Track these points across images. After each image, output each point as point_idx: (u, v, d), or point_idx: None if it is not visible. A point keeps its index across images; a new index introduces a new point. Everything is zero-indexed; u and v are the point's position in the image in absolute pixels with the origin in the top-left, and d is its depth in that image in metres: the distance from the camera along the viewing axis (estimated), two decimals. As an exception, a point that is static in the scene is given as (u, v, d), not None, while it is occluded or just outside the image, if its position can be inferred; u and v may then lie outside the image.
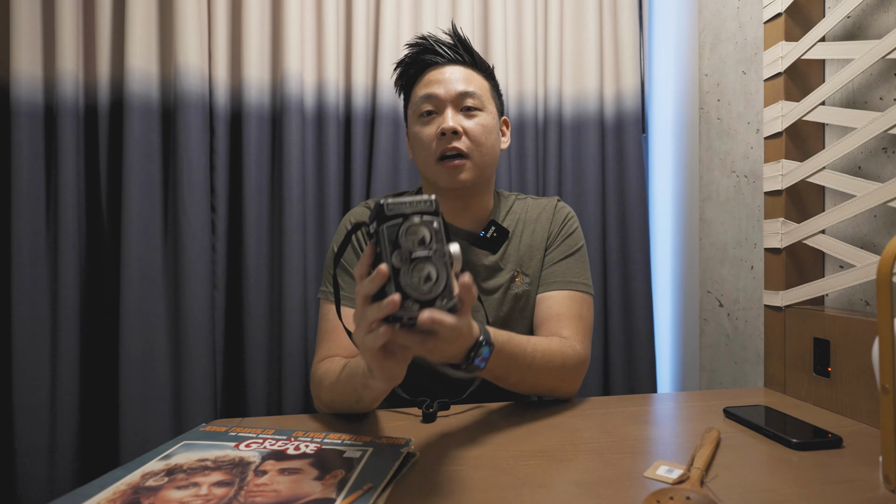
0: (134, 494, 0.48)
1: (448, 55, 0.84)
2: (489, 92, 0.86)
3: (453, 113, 0.82)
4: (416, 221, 0.48)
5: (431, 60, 0.85)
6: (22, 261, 1.08)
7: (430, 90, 0.83)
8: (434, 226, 0.49)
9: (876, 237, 0.81)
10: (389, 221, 0.48)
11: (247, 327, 1.19)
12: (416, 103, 0.85)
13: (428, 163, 0.84)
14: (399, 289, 0.47)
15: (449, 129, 0.80)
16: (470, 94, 0.82)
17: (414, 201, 0.49)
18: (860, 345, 0.73)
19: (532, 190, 1.35)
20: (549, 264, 0.88)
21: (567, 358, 0.75)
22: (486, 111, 0.84)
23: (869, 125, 0.75)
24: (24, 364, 1.07)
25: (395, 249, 0.48)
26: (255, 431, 0.64)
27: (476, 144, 0.82)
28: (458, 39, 0.85)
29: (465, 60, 0.85)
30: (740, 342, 1.14)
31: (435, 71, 0.84)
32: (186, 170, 1.14)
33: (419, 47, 0.86)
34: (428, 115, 0.83)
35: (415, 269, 0.48)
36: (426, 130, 0.83)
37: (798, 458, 0.59)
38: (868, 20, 0.83)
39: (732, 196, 1.17)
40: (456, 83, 0.82)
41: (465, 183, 0.82)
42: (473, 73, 0.85)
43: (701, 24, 1.29)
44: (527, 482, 0.53)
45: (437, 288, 0.48)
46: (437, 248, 0.48)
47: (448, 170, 0.81)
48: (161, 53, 1.17)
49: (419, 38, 0.86)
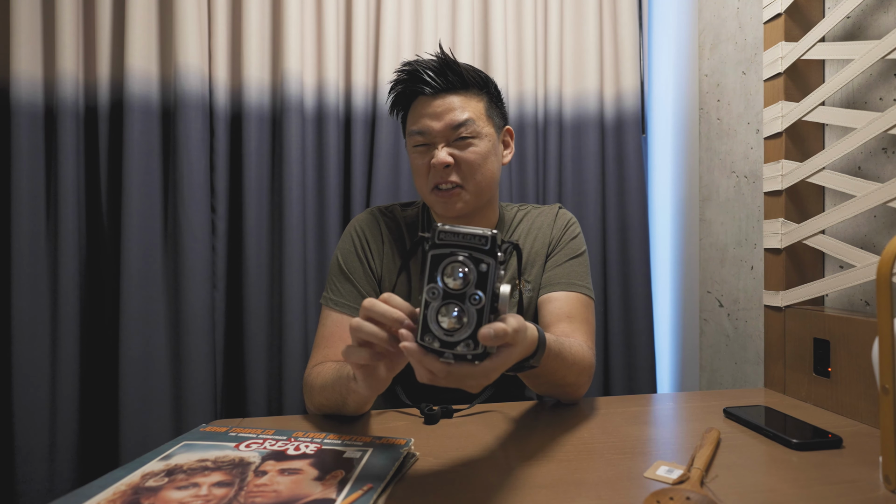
0: (134, 495, 0.48)
1: (436, 84, 0.79)
2: (484, 113, 0.82)
3: (445, 146, 0.79)
4: (459, 259, 0.45)
5: (420, 90, 0.80)
6: (22, 261, 1.08)
7: (420, 126, 0.80)
8: (481, 268, 0.45)
9: (876, 237, 0.81)
10: (437, 249, 0.45)
11: (247, 327, 1.19)
12: (409, 133, 0.83)
13: (424, 192, 0.83)
14: (424, 320, 0.46)
15: (440, 163, 0.78)
16: (462, 124, 0.78)
17: (469, 234, 0.45)
18: (860, 345, 0.73)
19: (532, 190, 1.35)
20: (551, 268, 0.87)
21: (585, 360, 0.75)
22: (480, 137, 0.80)
23: (869, 125, 0.75)
24: (24, 364, 1.07)
25: (431, 280, 0.45)
26: (255, 432, 0.64)
27: (471, 174, 0.80)
28: (444, 63, 0.79)
29: (455, 85, 0.80)
30: (740, 342, 1.14)
31: (425, 103, 0.80)
32: (186, 170, 1.14)
33: (406, 75, 0.81)
34: (423, 147, 0.81)
35: (442, 308, 0.45)
36: (421, 162, 0.82)
37: (798, 458, 0.59)
38: (868, 20, 0.83)
39: (732, 196, 1.17)
40: (447, 115, 0.79)
41: (460, 211, 0.82)
42: (466, 97, 0.80)
43: (701, 25, 1.29)
44: (527, 482, 0.53)
45: (461, 333, 0.45)
46: (475, 292, 0.45)
47: (443, 200, 0.81)
48: (161, 53, 1.17)
49: (405, 66, 0.82)
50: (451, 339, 0.45)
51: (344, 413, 0.72)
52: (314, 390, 0.73)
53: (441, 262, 0.45)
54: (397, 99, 0.85)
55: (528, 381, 0.71)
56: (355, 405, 0.67)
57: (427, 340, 0.46)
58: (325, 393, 0.70)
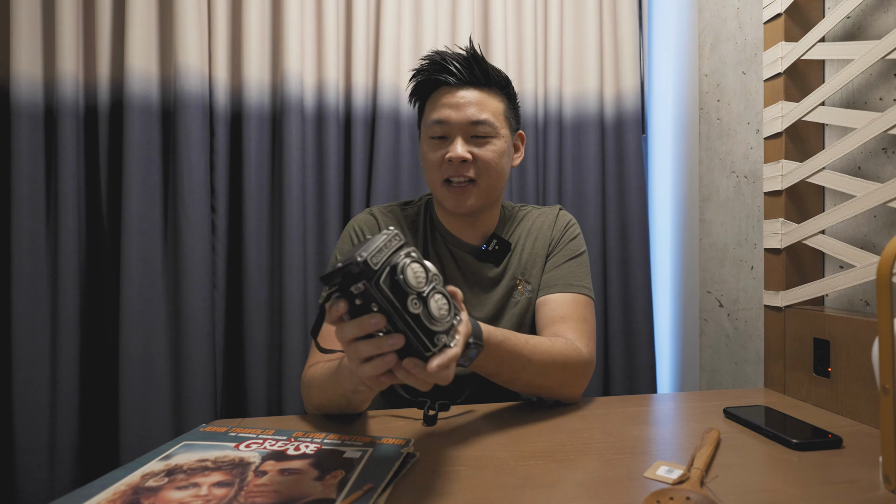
0: (134, 495, 0.48)
1: (461, 76, 0.80)
2: (503, 114, 0.83)
3: (463, 141, 0.80)
4: (408, 262, 0.46)
5: (444, 80, 0.81)
6: (22, 261, 1.08)
7: (441, 115, 0.80)
8: (415, 255, 0.48)
9: (876, 237, 0.81)
10: (380, 275, 0.45)
11: (247, 327, 1.19)
12: (427, 124, 0.83)
13: (434, 185, 0.84)
14: (425, 332, 0.46)
15: (457, 157, 0.78)
16: (482, 123, 0.79)
17: (386, 243, 0.46)
18: (860, 345, 0.73)
19: (532, 190, 1.36)
20: (550, 269, 0.88)
21: (569, 359, 0.75)
22: (498, 137, 0.81)
23: (869, 125, 0.75)
24: (24, 364, 1.07)
25: (406, 297, 0.46)
26: (255, 432, 0.64)
27: (485, 171, 0.81)
28: (473, 57, 0.80)
29: (479, 81, 0.81)
30: (740, 342, 1.14)
31: (447, 93, 0.81)
32: (186, 170, 1.14)
33: (432, 62, 0.82)
34: (439, 139, 0.82)
35: (433, 305, 0.47)
36: (435, 154, 0.82)
37: (798, 458, 0.59)
38: (868, 20, 0.83)
39: (732, 196, 1.17)
40: (468, 110, 0.79)
41: (471, 208, 0.83)
42: (488, 95, 0.81)
43: (701, 25, 1.29)
44: (527, 482, 0.53)
45: (451, 308, 0.48)
46: (432, 273, 0.48)
47: (454, 194, 0.81)
48: (161, 54, 1.17)
49: (432, 54, 0.82)
50: (449, 318, 0.48)
51: (343, 411, 0.72)
52: (312, 390, 0.73)
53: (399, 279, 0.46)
54: (419, 86, 0.85)
55: (493, 379, 0.72)
56: (360, 402, 0.67)
57: (442, 341, 0.47)
58: (325, 392, 0.70)
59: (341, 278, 0.45)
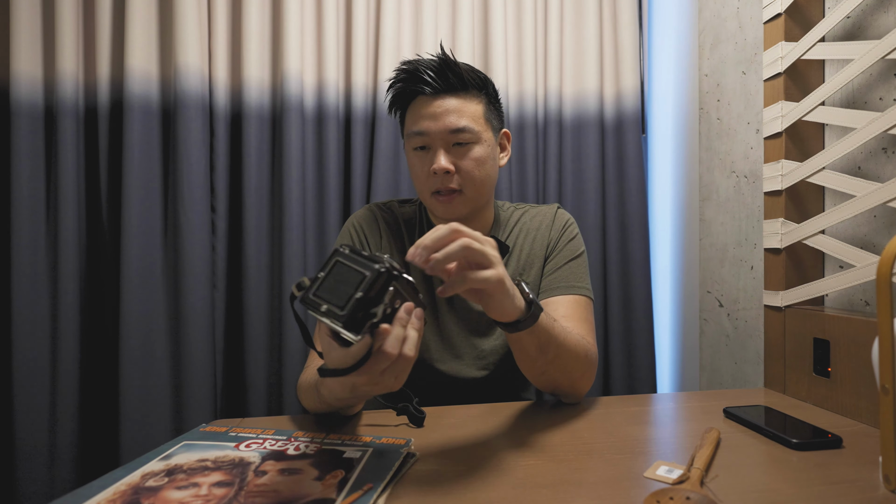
0: (134, 495, 0.48)
1: (437, 84, 0.78)
2: (483, 116, 0.82)
3: (444, 152, 0.79)
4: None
5: (420, 90, 0.80)
6: (22, 261, 1.08)
7: (420, 126, 0.79)
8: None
9: (876, 237, 0.81)
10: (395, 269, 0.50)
11: (247, 327, 1.19)
12: (408, 135, 0.82)
13: (424, 195, 0.84)
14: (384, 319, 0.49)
15: (441, 169, 0.78)
16: (462, 130, 0.78)
17: None
18: (860, 345, 0.73)
19: (532, 190, 1.35)
20: (550, 271, 0.87)
21: (588, 352, 0.74)
22: (479, 142, 0.80)
23: (869, 125, 0.75)
24: (24, 364, 1.07)
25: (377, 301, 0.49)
26: (255, 432, 0.64)
27: (469, 181, 0.80)
28: (445, 64, 0.79)
29: (455, 87, 0.79)
30: (740, 342, 1.14)
31: (424, 103, 0.80)
32: (186, 170, 1.14)
33: (406, 74, 0.81)
34: (422, 150, 0.81)
35: None
36: (420, 165, 0.82)
37: (798, 458, 0.59)
38: (868, 20, 0.83)
39: (732, 196, 1.17)
40: (447, 119, 0.78)
41: (459, 215, 0.82)
42: (465, 100, 0.80)
43: (701, 25, 1.29)
44: (527, 482, 0.53)
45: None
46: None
47: (442, 204, 0.81)
48: (161, 54, 1.17)
49: (405, 65, 0.81)
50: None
51: (343, 413, 0.72)
52: (302, 393, 0.74)
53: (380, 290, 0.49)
54: (396, 97, 0.85)
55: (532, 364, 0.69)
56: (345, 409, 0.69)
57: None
58: (310, 400, 0.70)
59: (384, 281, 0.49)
